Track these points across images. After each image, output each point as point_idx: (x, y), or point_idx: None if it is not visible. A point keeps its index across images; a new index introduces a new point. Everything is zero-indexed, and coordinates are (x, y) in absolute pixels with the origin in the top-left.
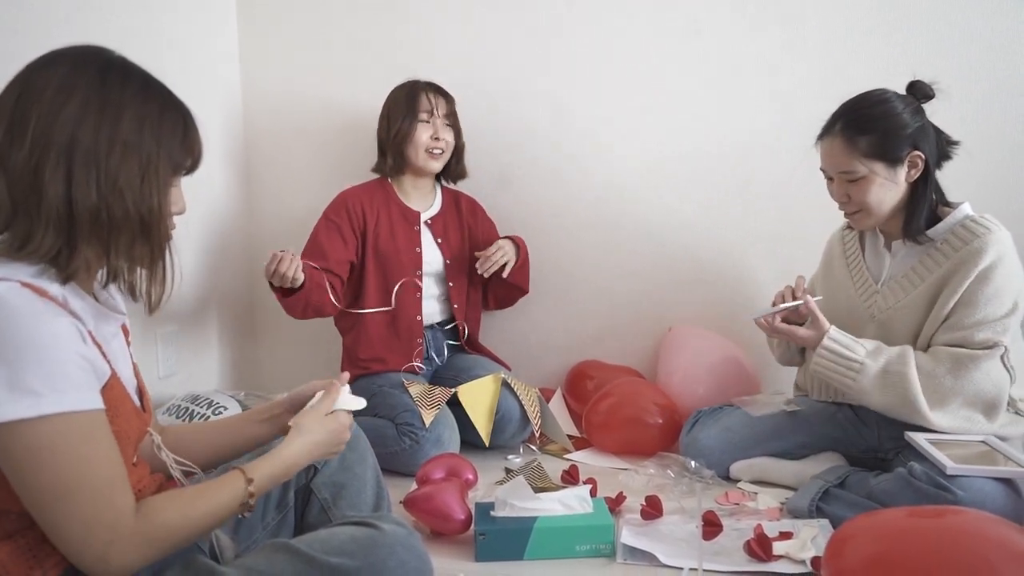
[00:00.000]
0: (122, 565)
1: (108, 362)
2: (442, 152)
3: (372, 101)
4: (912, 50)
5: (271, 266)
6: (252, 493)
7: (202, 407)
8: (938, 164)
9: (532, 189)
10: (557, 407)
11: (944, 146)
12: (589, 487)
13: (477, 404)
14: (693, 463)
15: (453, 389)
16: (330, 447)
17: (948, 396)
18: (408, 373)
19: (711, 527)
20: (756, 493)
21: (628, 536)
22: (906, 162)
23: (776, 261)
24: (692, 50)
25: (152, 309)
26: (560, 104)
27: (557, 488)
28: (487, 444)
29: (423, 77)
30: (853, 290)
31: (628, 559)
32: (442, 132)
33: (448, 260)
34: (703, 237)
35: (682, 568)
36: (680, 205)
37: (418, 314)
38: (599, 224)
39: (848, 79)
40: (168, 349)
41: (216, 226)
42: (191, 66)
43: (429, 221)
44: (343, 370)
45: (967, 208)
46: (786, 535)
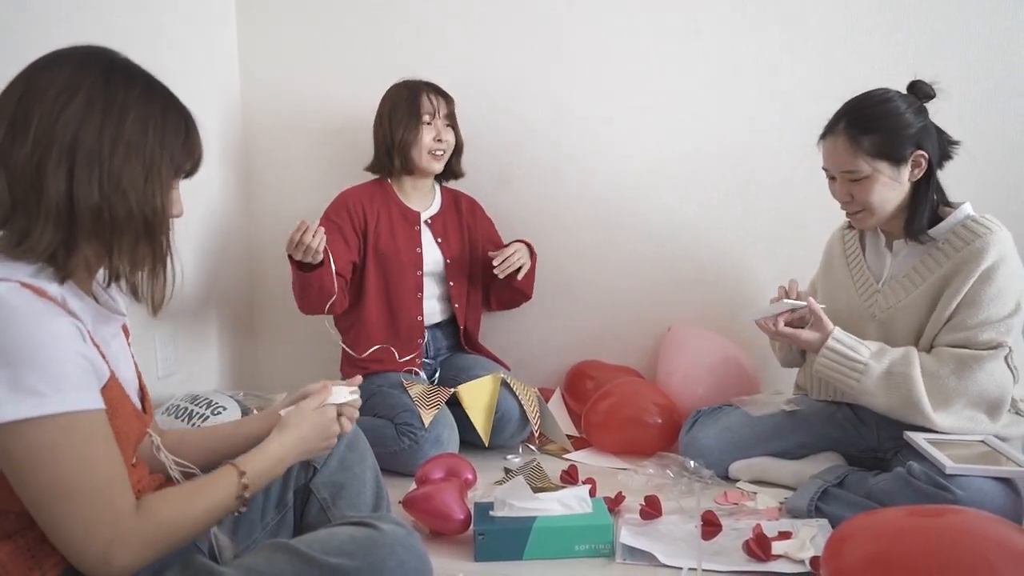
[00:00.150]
0: (123, 565)
1: (107, 363)
2: (444, 153)
3: (372, 101)
4: (912, 50)
5: (296, 235)
6: (246, 485)
7: (201, 407)
8: (939, 164)
9: (532, 189)
10: (556, 407)
11: (945, 146)
12: (588, 487)
13: (476, 404)
14: (692, 463)
15: (452, 389)
16: (317, 441)
17: (952, 397)
18: (407, 373)
19: (710, 527)
20: (755, 493)
21: (627, 536)
22: (910, 161)
23: (776, 261)
24: (692, 50)
25: (155, 310)
26: (560, 104)
27: (556, 488)
28: (486, 444)
29: (423, 77)
30: (854, 289)
31: (627, 559)
32: (444, 133)
33: (448, 260)
34: (703, 237)
35: (681, 568)
36: (680, 205)
37: (419, 314)
38: (599, 224)
39: (848, 79)
40: (167, 349)
41: (215, 226)
42: (191, 66)
43: (429, 221)
44: (342, 370)
45: (968, 208)
46: (785, 535)
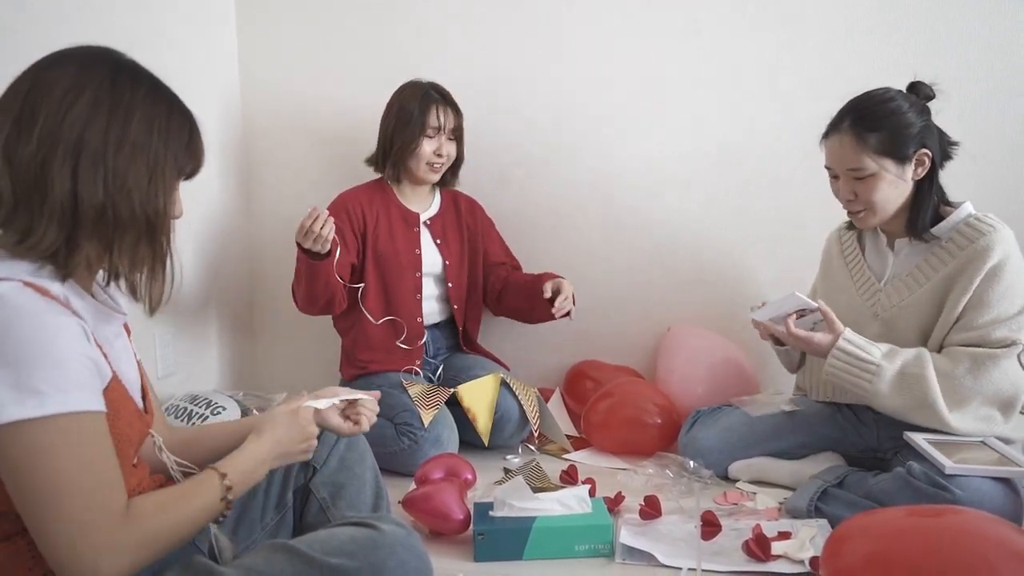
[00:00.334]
0: (111, 573)
1: (109, 363)
2: (442, 166)
3: (372, 100)
4: (912, 50)
5: (307, 221)
6: (229, 487)
7: (201, 407)
8: (941, 164)
9: (532, 189)
10: (556, 407)
11: (946, 146)
12: (588, 487)
13: (476, 404)
14: (692, 463)
15: (452, 389)
16: (293, 444)
17: (968, 397)
18: (407, 373)
19: (710, 527)
20: (755, 493)
21: (627, 536)
22: (914, 160)
23: (776, 261)
24: (692, 50)
25: (153, 310)
26: (560, 104)
27: (556, 488)
28: (486, 444)
29: (423, 77)
30: (854, 289)
31: (627, 559)
32: (445, 147)
33: (447, 262)
34: (703, 237)
35: (681, 568)
36: (680, 205)
37: (419, 315)
38: (599, 224)
39: (848, 79)
40: (167, 349)
41: (215, 226)
42: (191, 66)
43: (428, 222)
44: (342, 370)
45: (969, 207)
46: (785, 535)
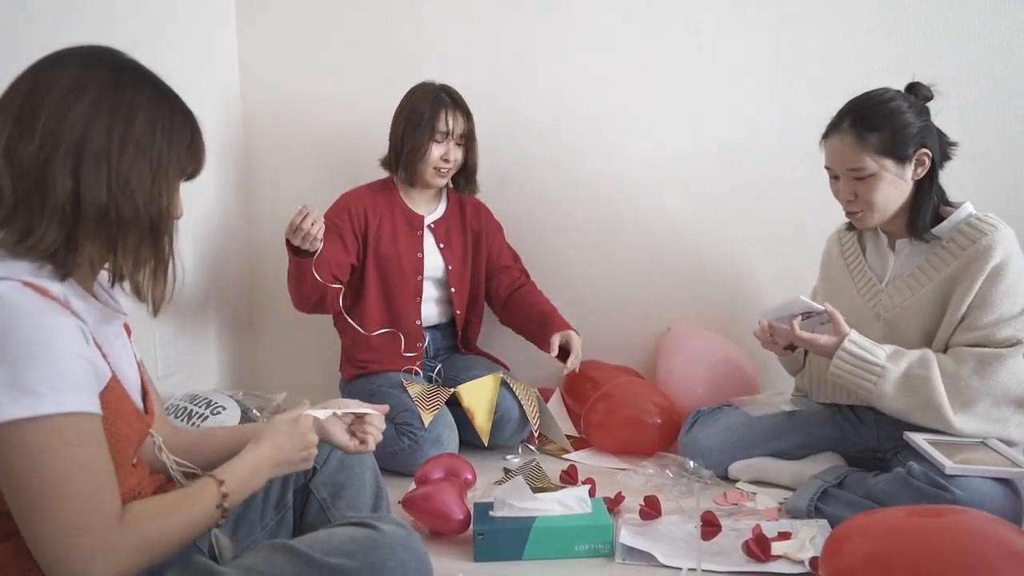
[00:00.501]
0: (103, 575)
1: (109, 364)
2: (448, 171)
3: (371, 100)
4: (912, 50)
5: (297, 219)
6: (225, 495)
7: (201, 407)
8: (940, 164)
9: (532, 189)
10: (556, 407)
11: (945, 146)
12: (588, 487)
13: (476, 404)
14: (692, 463)
15: (452, 389)
16: (294, 451)
17: (975, 398)
18: (407, 373)
19: (710, 527)
20: (755, 493)
21: (627, 536)
22: (914, 160)
23: (776, 261)
24: (692, 50)
25: (156, 310)
26: (560, 104)
27: (556, 488)
28: (486, 444)
29: (424, 77)
30: (855, 290)
31: (627, 559)
32: (452, 153)
33: (450, 266)
34: (703, 237)
35: (681, 568)
36: (680, 205)
37: (417, 318)
38: (599, 224)
39: (848, 79)
40: (167, 349)
41: (215, 226)
42: (191, 66)
43: (432, 225)
44: (342, 370)
45: (970, 207)
46: (785, 535)
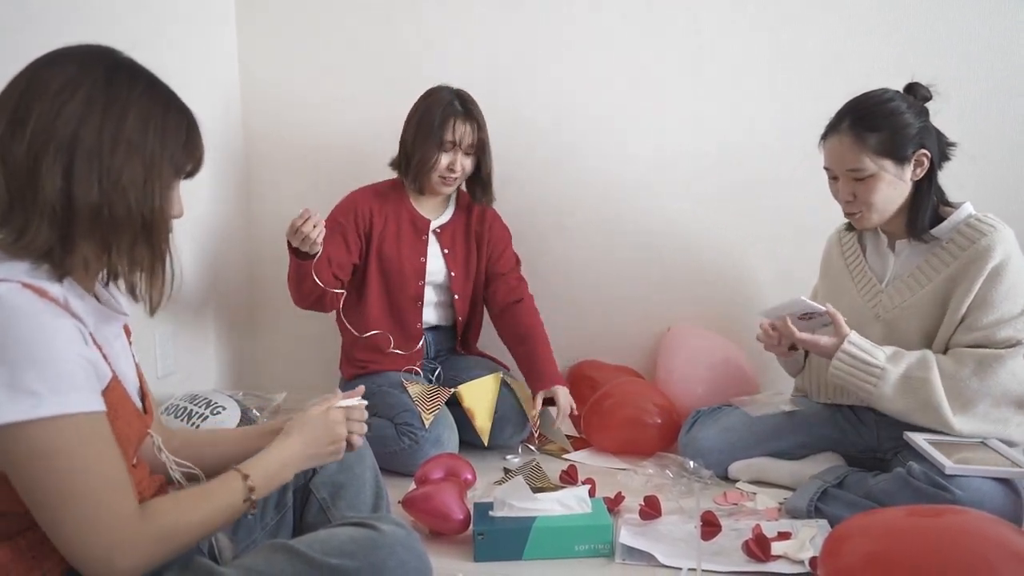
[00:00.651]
0: (125, 569)
1: (109, 364)
2: (456, 179)
3: (371, 100)
4: (912, 50)
5: (298, 222)
6: (252, 488)
7: (200, 407)
8: (939, 164)
9: (532, 189)
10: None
11: (944, 147)
12: (588, 487)
13: (477, 404)
14: (692, 463)
15: (452, 389)
16: (323, 444)
17: (975, 399)
18: (407, 373)
19: (709, 527)
20: (755, 493)
21: (627, 536)
22: (913, 160)
23: (776, 261)
24: (692, 50)
25: (153, 310)
26: (560, 104)
27: (556, 488)
28: (486, 444)
29: (423, 77)
30: (855, 291)
31: (627, 559)
32: (459, 162)
33: (453, 273)
34: (703, 237)
35: (681, 568)
36: (680, 205)
37: (418, 322)
38: (599, 224)
39: (848, 79)
40: (166, 348)
41: (215, 226)
42: (190, 66)
43: (438, 230)
44: (341, 368)
45: (969, 207)
46: (784, 535)
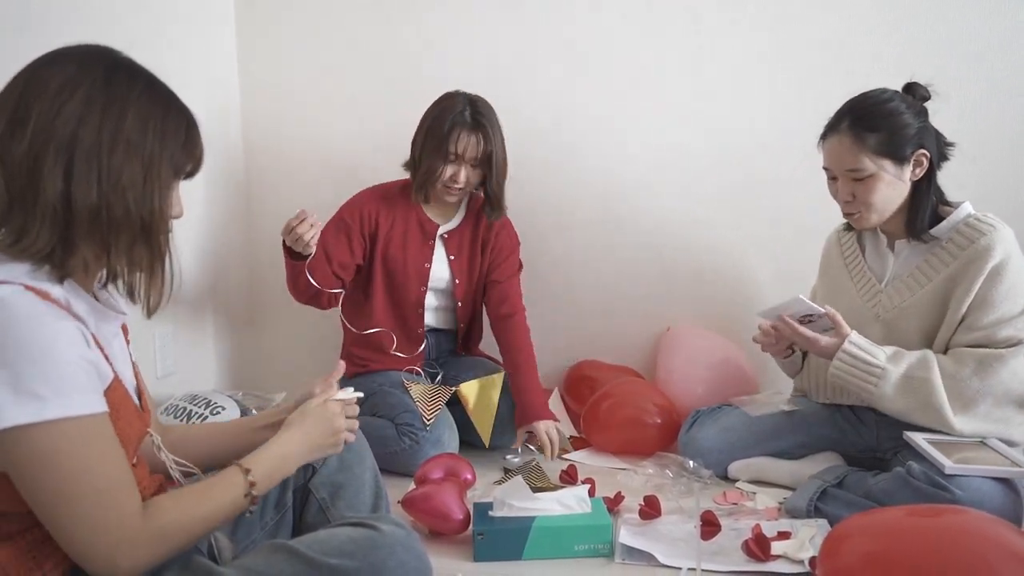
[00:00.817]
0: (129, 567)
1: (110, 364)
2: (459, 190)
3: (371, 100)
4: (912, 50)
5: (294, 222)
6: (253, 483)
7: (200, 407)
8: (938, 164)
9: (532, 189)
10: (556, 407)
11: (942, 147)
12: (587, 487)
13: (478, 404)
14: (691, 463)
15: (453, 389)
16: (324, 436)
17: (975, 399)
18: (408, 373)
19: (709, 527)
20: (754, 493)
21: (626, 536)
22: (912, 160)
23: (776, 261)
24: (692, 50)
25: (151, 312)
26: (560, 104)
27: (555, 488)
28: (487, 445)
29: (423, 77)
30: (855, 291)
31: (626, 559)
32: (463, 174)
33: (457, 280)
34: (703, 237)
35: (680, 568)
36: (680, 205)
37: (419, 327)
38: (598, 224)
39: (848, 79)
40: (166, 349)
41: (214, 226)
42: (190, 66)
43: (446, 235)
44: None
45: (968, 207)
46: (784, 535)
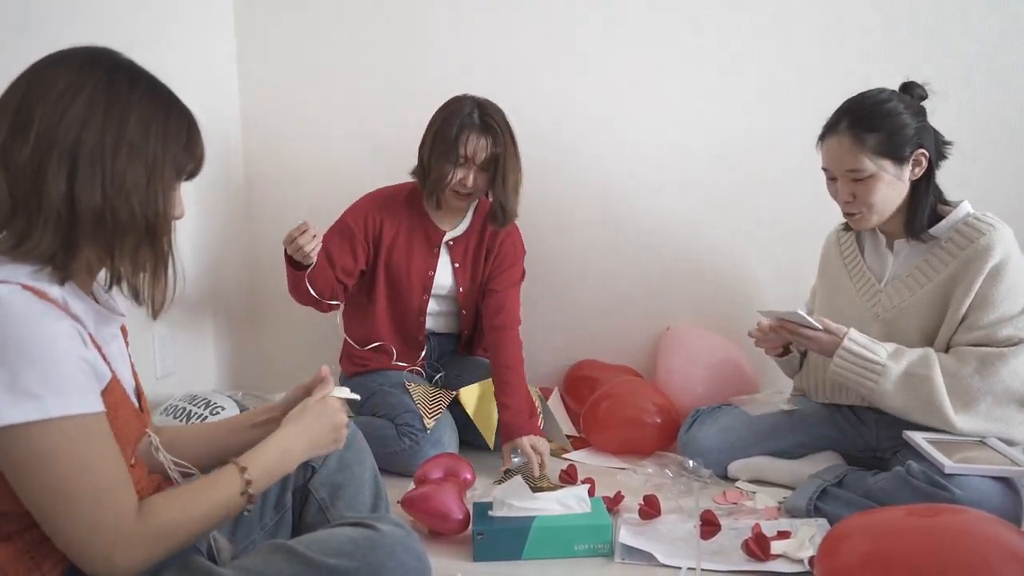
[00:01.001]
0: (127, 567)
1: (108, 364)
2: (468, 194)
3: (371, 100)
4: (912, 50)
5: (296, 233)
6: (249, 481)
7: (200, 407)
8: (937, 164)
9: (532, 189)
10: (555, 407)
11: (940, 146)
12: (587, 487)
13: (479, 406)
14: (691, 462)
15: (454, 392)
16: (323, 434)
17: (976, 398)
18: (409, 374)
19: (709, 526)
20: (754, 492)
21: (626, 535)
22: (911, 160)
23: (776, 261)
24: (692, 50)
25: (156, 314)
26: (560, 104)
27: (555, 488)
28: (491, 446)
29: (423, 77)
30: (854, 291)
31: (626, 558)
32: (471, 178)
33: (461, 288)
34: (703, 237)
35: (680, 567)
36: (680, 205)
37: (420, 334)
38: (598, 224)
39: (848, 79)
40: (166, 349)
41: (214, 226)
42: (190, 66)
43: (451, 242)
44: (341, 366)
45: (967, 206)
46: (784, 534)
